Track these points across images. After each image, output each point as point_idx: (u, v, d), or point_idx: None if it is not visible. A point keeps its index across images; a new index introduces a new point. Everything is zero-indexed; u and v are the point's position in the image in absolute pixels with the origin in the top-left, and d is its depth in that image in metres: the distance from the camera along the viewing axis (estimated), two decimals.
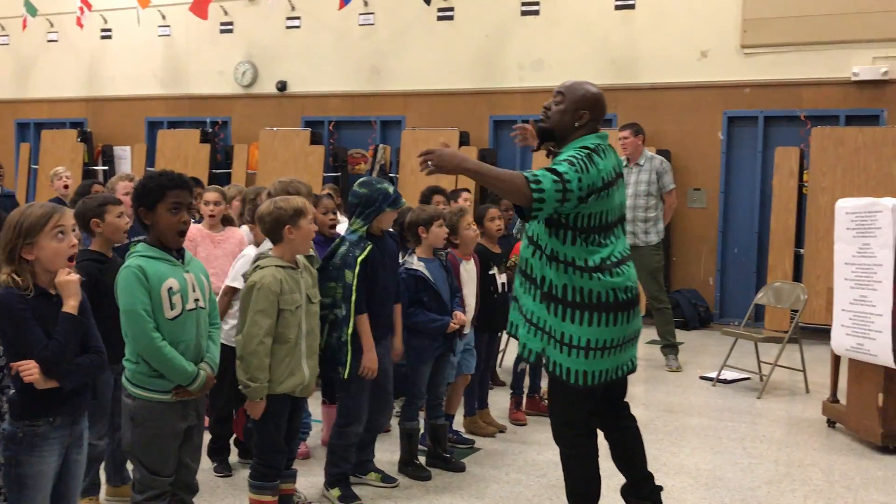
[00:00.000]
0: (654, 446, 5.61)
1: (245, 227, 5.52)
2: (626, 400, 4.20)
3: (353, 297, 4.36)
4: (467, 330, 5.42)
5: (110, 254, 4.26)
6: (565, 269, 3.74)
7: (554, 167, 3.69)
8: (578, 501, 4.04)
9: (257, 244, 4.84)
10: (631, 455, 4.13)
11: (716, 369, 7.67)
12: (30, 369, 2.97)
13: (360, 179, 4.69)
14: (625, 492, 4.18)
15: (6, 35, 14.40)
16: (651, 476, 4.17)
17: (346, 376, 4.36)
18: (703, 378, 7.72)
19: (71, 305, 3.09)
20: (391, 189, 4.59)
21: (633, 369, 4.01)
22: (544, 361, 3.88)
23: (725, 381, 7.54)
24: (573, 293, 3.74)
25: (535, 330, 3.86)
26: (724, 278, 10.59)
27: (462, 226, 5.36)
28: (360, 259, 4.39)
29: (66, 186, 7.59)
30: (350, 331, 4.36)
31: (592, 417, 4.02)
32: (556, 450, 5.56)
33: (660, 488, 4.19)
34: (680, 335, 8.76)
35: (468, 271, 5.47)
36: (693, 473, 5.22)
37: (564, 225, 3.73)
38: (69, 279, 3.11)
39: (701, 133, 10.49)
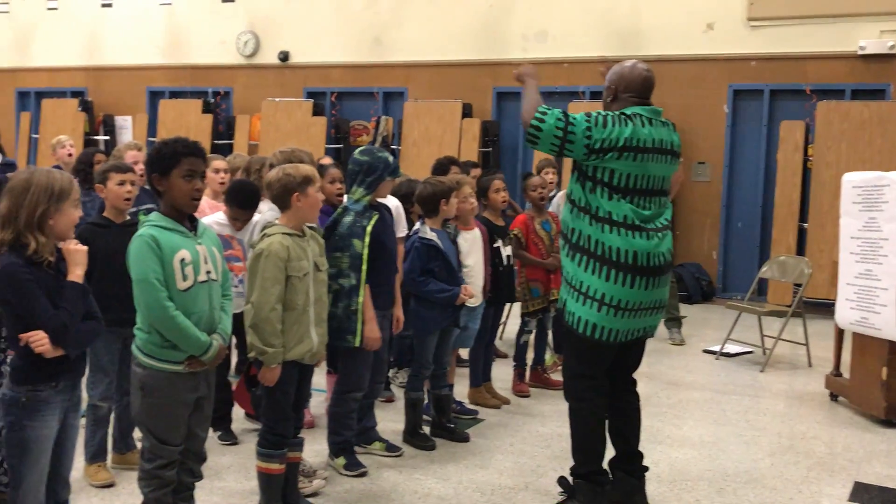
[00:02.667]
0: (657, 419, 5.64)
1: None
2: (633, 376, 4.24)
3: (364, 266, 4.37)
4: (477, 302, 5.42)
5: (119, 219, 4.31)
6: (591, 220, 3.86)
7: (571, 114, 3.87)
8: (583, 458, 4.13)
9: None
10: (627, 429, 4.19)
11: (719, 343, 7.69)
12: (39, 339, 2.97)
13: (361, 148, 4.68)
14: (612, 464, 4.21)
15: (6, 3, 14.28)
16: (641, 455, 4.21)
17: (356, 344, 4.39)
18: (706, 352, 7.74)
19: (77, 274, 3.08)
20: (391, 158, 4.61)
21: (646, 335, 4.09)
22: (565, 314, 4.00)
23: (728, 355, 7.56)
24: (597, 245, 3.84)
25: (566, 285, 4.00)
26: (727, 252, 10.59)
27: (459, 197, 5.33)
28: (368, 228, 4.40)
29: (69, 155, 7.56)
30: (361, 299, 4.37)
31: (604, 377, 4.09)
32: (562, 422, 5.58)
33: (646, 468, 4.23)
34: (683, 309, 8.77)
35: (470, 241, 5.42)
36: (696, 446, 5.25)
37: (597, 180, 3.85)
38: (77, 248, 3.11)
39: (706, 106, 10.44)
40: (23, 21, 14.28)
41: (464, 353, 6.12)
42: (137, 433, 4.24)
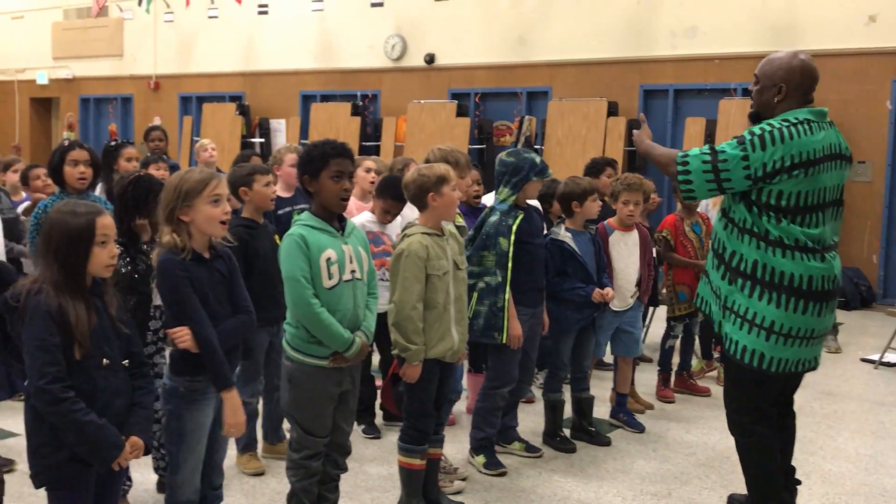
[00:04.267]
0: (810, 429, 5.40)
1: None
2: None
3: (510, 264, 4.41)
4: (625, 305, 5.34)
5: (261, 220, 4.47)
6: (758, 243, 3.55)
7: (718, 145, 3.57)
8: (760, 496, 3.83)
9: None
10: (781, 448, 3.91)
11: (877, 351, 7.28)
12: (182, 336, 3.11)
13: (508, 150, 4.72)
14: None
15: (171, 12, 15.10)
16: (793, 469, 4.00)
17: (503, 340, 4.43)
18: (864, 360, 7.34)
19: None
20: (538, 159, 4.61)
21: (814, 367, 3.75)
22: (723, 340, 3.72)
23: (889, 364, 7.14)
24: (765, 270, 3.54)
25: (720, 305, 3.72)
26: (888, 256, 10.00)
27: (621, 199, 5.29)
28: (513, 227, 4.44)
29: (211, 157, 7.89)
30: (507, 296, 4.41)
31: (770, 407, 3.80)
32: (707, 429, 5.47)
33: (798, 482, 4.02)
34: (840, 315, 8.34)
35: (628, 244, 5.37)
36: (852, 459, 4.99)
37: (763, 203, 3.53)
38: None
39: (867, 102, 9.89)
40: (186, 29, 15.07)
41: (608, 357, 6.03)
42: (286, 424, 4.41)
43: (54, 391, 2.69)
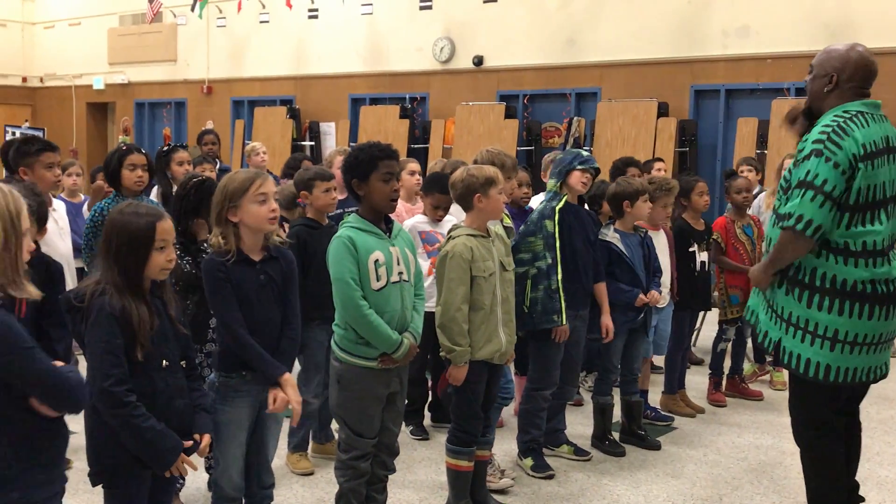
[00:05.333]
0: (866, 434, 5.18)
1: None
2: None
3: (557, 244, 4.44)
4: (663, 304, 5.32)
5: (324, 221, 4.54)
6: (818, 251, 3.42)
7: (804, 179, 3.37)
8: None
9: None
10: (847, 462, 3.77)
11: None
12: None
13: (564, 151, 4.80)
14: None
15: (223, 17, 15.32)
16: (857, 486, 3.87)
17: (563, 322, 4.44)
18: None
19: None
20: (584, 152, 4.71)
21: (884, 374, 3.59)
22: (781, 354, 3.57)
23: None
24: (823, 279, 3.41)
25: (776, 318, 3.57)
26: None
27: (659, 202, 5.27)
28: (558, 207, 4.50)
29: (262, 161, 8.03)
30: (559, 277, 4.43)
31: (838, 418, 3.67)
32: (760, 433, 5.40)
33: (861, 499, 3.89)
34: None
35: (659, 243, 5.35)
36: None
37: None
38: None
39: None
40: (238, 34, 15.28)
41: (658, 360, 5.98)
42: (335, 424, 4.44)
43: (118, 394, 2.74)
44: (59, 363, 2.46)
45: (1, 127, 15.69)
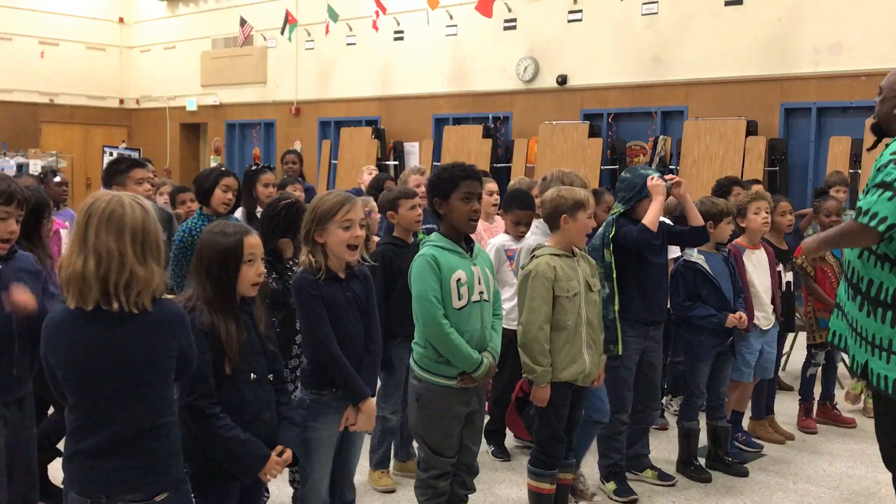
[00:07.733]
0: None
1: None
2: None
3: (614, 275, 4.34)
4: (768, 325, 5.19)
5: (410, 240, 4.58)
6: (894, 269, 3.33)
7: (881, 179, 3.32)
8: None
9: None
10: None
11: None
12: None
13: (628, 167, 4.63)
14: None
15: (311, 40, 15.65)
16: None
17: (619, 352, 4.35)
18: None
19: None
20: (653, 171, 4.49)
21: None
22: (870, 376, 3.46)
23: None
24: None
25: (860, 340, 3.48)
26: None
27: (751, 210, 5.13)
28: (611, 236, 4.37)
29: (362, 182, 8.18)
30: (616, 307, 4.34)
31: None
32: (853, 462, 5.22)
33: None
34: None
35: (757, 263, 5.20)
36: None
37: None
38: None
39: None
40: (325, 56, 15.58)
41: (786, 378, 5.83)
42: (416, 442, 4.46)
43: (201, 407, 2.81)
44: None
45: (100, 148, 16.36)
